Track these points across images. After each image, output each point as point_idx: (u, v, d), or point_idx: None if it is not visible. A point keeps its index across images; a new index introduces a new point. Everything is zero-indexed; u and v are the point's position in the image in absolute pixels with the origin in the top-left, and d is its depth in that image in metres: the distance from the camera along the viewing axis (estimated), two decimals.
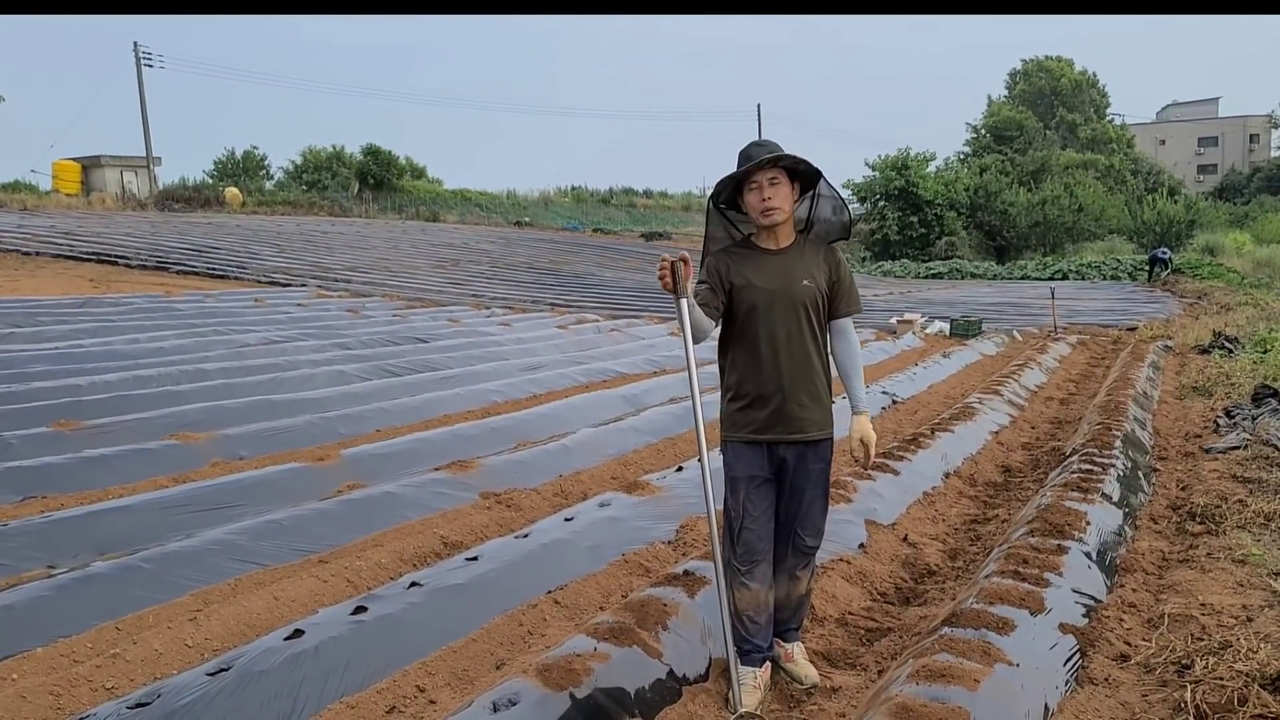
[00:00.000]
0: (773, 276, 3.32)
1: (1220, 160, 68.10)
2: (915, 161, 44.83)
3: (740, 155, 3.30)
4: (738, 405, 3.40)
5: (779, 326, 3.31)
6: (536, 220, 50.31)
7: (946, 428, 7.47)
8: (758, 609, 3.42)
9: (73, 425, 6.65)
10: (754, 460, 3.39)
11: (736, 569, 3.38)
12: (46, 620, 3.75)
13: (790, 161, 3.24)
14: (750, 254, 3.38)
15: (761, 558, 3.41)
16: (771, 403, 3.34)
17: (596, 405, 8.39)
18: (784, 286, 3.32)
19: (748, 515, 3.39)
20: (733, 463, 3.42)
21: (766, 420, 3.35)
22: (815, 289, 3.36)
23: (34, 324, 11.98)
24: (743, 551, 3.39)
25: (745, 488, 3.39)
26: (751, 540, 3.39)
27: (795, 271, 3.34)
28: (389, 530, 5.06)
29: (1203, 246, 36.53)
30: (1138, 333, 16.31)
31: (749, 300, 3.32)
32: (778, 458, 3.39)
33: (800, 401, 3.35)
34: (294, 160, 50.83)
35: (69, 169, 41.17)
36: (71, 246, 22.73)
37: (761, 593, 3.42)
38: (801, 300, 3.32)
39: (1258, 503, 5.44)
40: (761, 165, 3.21)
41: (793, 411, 3.34)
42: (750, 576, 3.39)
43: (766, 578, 3.44)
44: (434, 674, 3.42)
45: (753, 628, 3.42)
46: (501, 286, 23.05)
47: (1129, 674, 3.46)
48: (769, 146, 3.27)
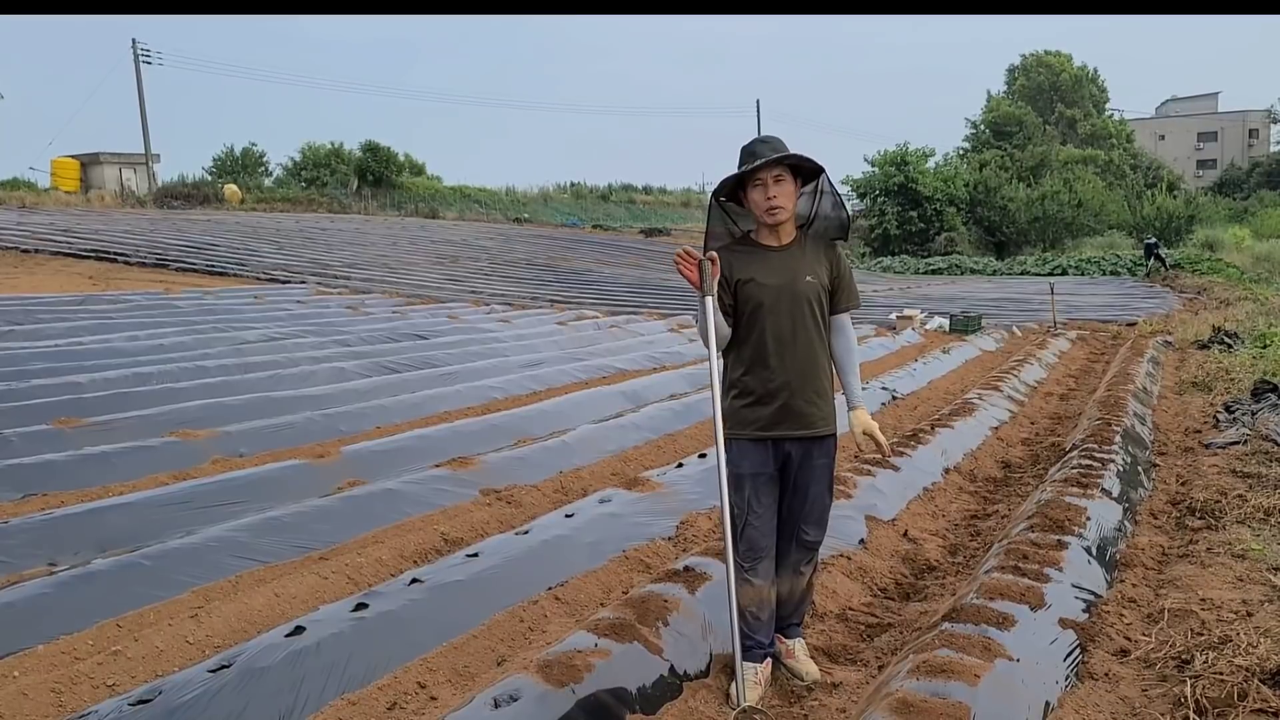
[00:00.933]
0: (777, 273, 3.33)
1: (1220, 155, 68.04)
2: (914, 157, 44.79)
3: (744, 152, 3.29)
4: (743, 402, 3.40)
5: (784, 323, 3.32)
6: (536, 217, 50.25)
7: (946, 423, 7.48)
8: (760, 605, 3.42)
9: (73, 423, 6.65)
10: (759, 457, 3.39)
11: (740, 565, 3.38)
12: (48, 618, 3.75)
13: (795, 159, 3.24)
14: (753, 251, 3.39)
15: (764, 554, 3.42)
16: (778, 399, 3.34)
17: (596, 402, 8.40)
18: (788, 283, 3.33)
19: (752, 512, 3.39)
20: (737, 459, 3.41)
21: (772, 417, 3.35)
22: (819, 285, 3.37)
23: (33, 321, 11.97)
24: (746, 548, 3.40)
25: (750, 484, 3.39)
26: (755, 537, 3.40)
27: (799, 268, 3.35)
28: (390, 527, 5.07)
29: (1202, 242, 36.55)
30: (1137, 328, 16.31)
31: (754, 297, 3.32)
32: (783, 454, 3.39)
33: (806, 397, 3.35)
34: (293, 157, 50.79)
35: (68, 166, 41.13)
36: (70, 244, 22.71)
37: (764, 589, 3.42)
38: (806, 296, 3.33)
39: (1257, 498, 5.44)
40: (767, 164, 3.20)
41: (798, 407, 3.35)
42: (754, 573, 3.40)
43: (769, 574, 3.44)
44: (435, 670, 3.42)
45: (755, 624, 3.42)
46: (501, 283, 23.04)
47: (1129, 669, 3.47)
48: (773, 144, 3.27)
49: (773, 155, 3.20)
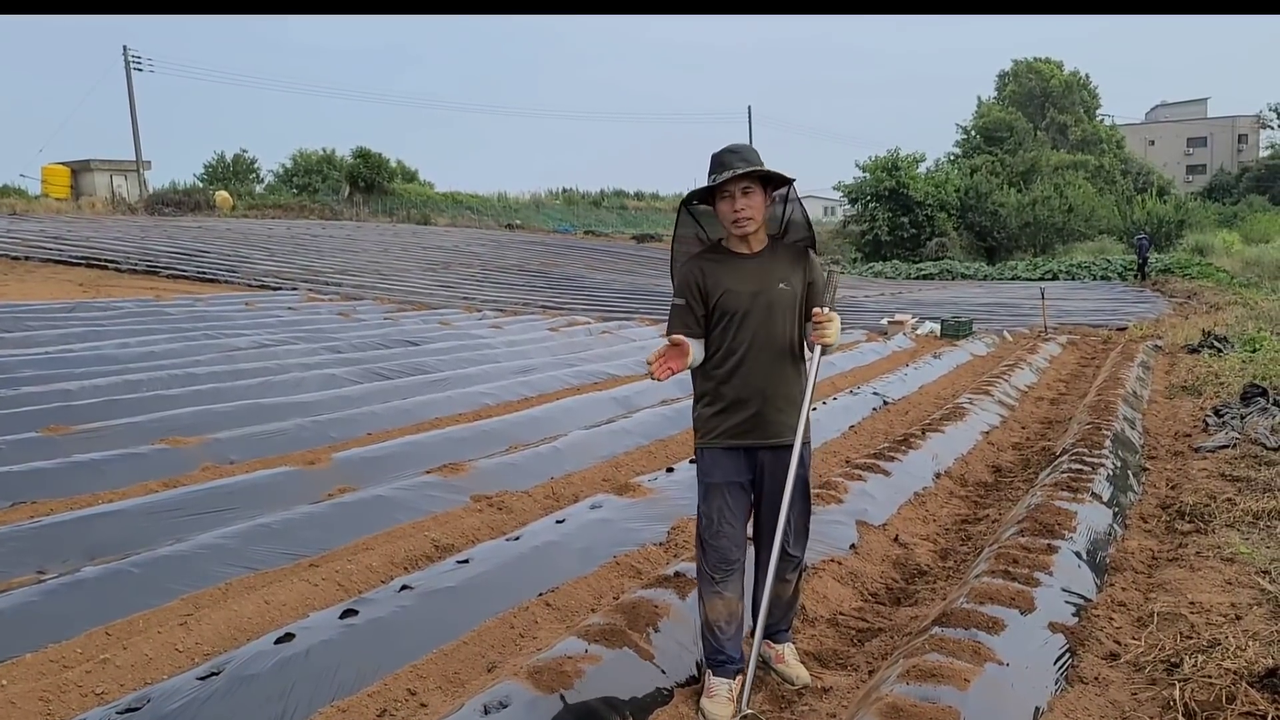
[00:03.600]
0: (750, 280, 3.28)
1: (1209, 160, 68.36)
2: (905, 162, 44.95)
3: (713, 160, 3.22)
4: (715, 409, 3.36)
5: (758, 330, 3.27)
6: (528, 223, 50.23)
7: (937, 428, 7.49)
8: (730, 618, 3.33)
9: (63, 430, 6.63)
10: (732, 466, 3.34)
11: (710, 578, 3.31)
12: (36, 626, 3.73)
13: (763, 173, 3.19)
14: (724, 258, 3.33)
15: (735, 566, 3.34)
16: (750, 406, 3.30)
17: (588, 407, 8.39)
18: (762, 290, 3.28)
19: (724, 522, 3.32)
20: (709, 469, 3.37)
21: (746, 425, 3.31)
22: (792, 292, 3.32)
23: (23, 329, 11.92)
24: (717, 559, 3.32)
25: (722, 494, 3.33)
26: (726, 548, 3.32)
27: (772, 275, 3.30)
28: (380, 533, 5.06)
29: (1192, 246, 36.73)
30: (1127, 332, 16.37)
31: (729, 306, 3.27)
32: (756, 463, 3.35)
33: (778, 405, 3.31)
34: (284, 163, 50.65)
35: (58, 173, 40.94)
36: (61, 251, 22.62)
37: (734, 602, 3.34)
38: (779, 303, 3.29)
39: (1246, 501, 5.46)
40: (735, 177, 3.14)
41: (771, 415, 3.30)
42: (725, 585, 3.31)
43: (740, 587, 3.37)
44: (425, 677, 3.41)
45: (723, 638, 3.32)
46: (493, 289, 23.02)
47: (1119, 672, 3.47)
48: (743, 154, 3.20)
49: (742, 166, 3.14)
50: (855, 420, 8.35)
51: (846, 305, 21.89)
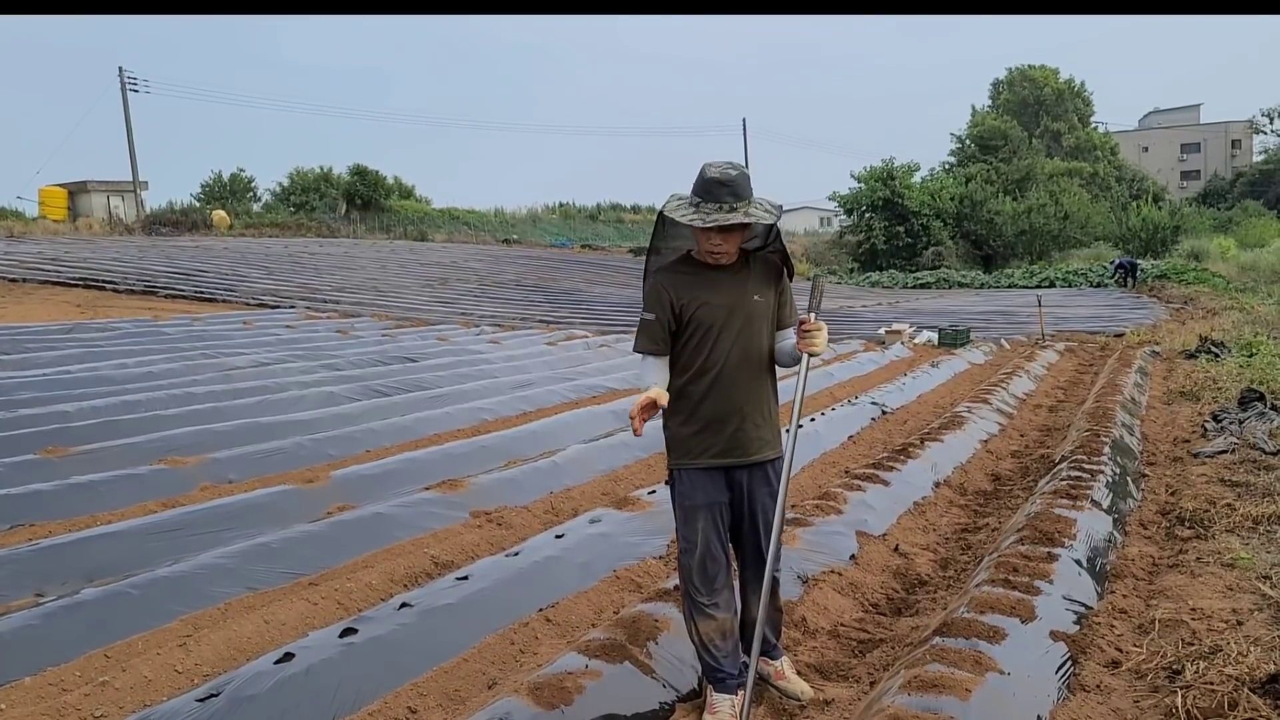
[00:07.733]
0: (725, 293, 3.21)
1: (1203, 166, 68.61)
2: (900, 172, 45.12)
3: (702, 182, 3.06)
4: (692, 429, 3.25)
5: (735, 345, 3.20)
6: (525, 237, 50.35)
7: (936, 437, 7.49)
8: (725, 635, 3.29)
9: (61, 451, 6.61)
10: (711, 487, 3.26)
11: (700, 599, 3.25)
12: (35, 649, 3.72)
13: (749, 219, 3.04)
14: (698, 271, 3.25)
15: (723, 585, 3.29)
16: (730, 425, 3.22)
17: (586, 421, 8.39)
18: (737, 303, 3.21)
19: (710, 543, 3.25)
20: (690, 491, 3.27)
21: (726, 444, 3.23)
22: (766, 304, 3.27)
23: (21, 350, 11.91)
24: (705, 581, 3.26)
25: (705, 516, 3.25)
26: (714, 569, 3.26)
27: (746, 288, 3.24)
28: (379, 551, 5.05)
29: (1188, 252, 36.83)
30: (1125, 339, 16.40)
31: (704, 319, 3.19)
32: (735, 481, 3.29)
33: (756, 422, 3.26)
34: (281, 182, 50.76)
35: (55, 195, 41.02)
36: (58, 272, 22.62)
37: (728, 620, 3.30)
38: (754, 316, 3.23)
39: (1246, 506, 5.46)
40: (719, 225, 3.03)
41: (751, 433, 3.24)
42: (716, 606, 3.26)
43: (730, 604, 3.33)
44: (425, 695, 3.40)
45: (720, 655, 3.28)
46: (490, 304, 23.04)
47: (1120, 680, 3.47)
48: (733, 186, 3.02)
49: (729, 202, 3.00)
50: (854, 430, 8.35)
51: (844, 315, 21.92)
